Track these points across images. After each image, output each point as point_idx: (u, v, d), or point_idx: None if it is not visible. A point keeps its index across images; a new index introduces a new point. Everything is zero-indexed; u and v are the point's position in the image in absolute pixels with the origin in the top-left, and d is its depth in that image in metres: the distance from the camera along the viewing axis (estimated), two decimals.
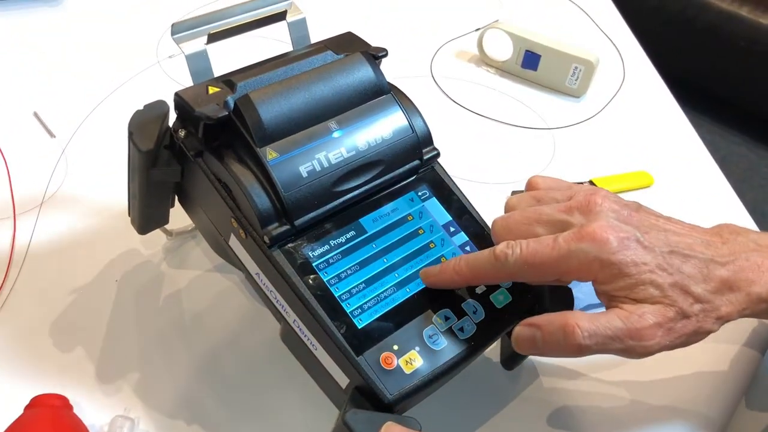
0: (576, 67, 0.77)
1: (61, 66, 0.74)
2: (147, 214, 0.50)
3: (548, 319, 0.40)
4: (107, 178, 0.61)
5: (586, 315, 0.40)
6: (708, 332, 0.41)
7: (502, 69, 0.81)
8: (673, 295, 0.39)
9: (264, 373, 0.50)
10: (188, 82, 0.44)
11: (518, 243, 0.41)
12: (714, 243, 0.43)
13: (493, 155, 0.71)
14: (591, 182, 0.66)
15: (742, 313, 0.42)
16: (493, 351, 0.51)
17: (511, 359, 0.50)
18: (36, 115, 0.68)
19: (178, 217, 0.52)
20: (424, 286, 0.44)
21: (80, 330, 0.51)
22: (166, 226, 0.54)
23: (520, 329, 0.41)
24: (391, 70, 0.48)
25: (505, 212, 0.45)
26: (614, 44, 0.88)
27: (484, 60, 0.82)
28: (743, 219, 0.66)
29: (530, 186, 0.48)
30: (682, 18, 1.85)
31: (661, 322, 0.39)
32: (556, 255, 0.40)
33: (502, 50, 0.80)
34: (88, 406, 0.46)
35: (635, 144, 0.74)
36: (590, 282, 0.41)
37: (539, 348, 0.41)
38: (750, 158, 1.87)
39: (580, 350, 0.39)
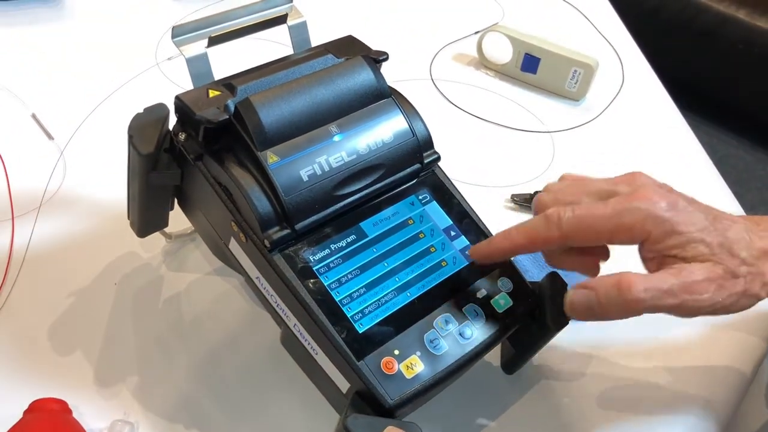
0: (575, 71, 0.77)
1: (59, 67, 0.74)
2: (146, 217, 0.50)
3: (600, 280, 0.41)
4: (106, 180, 0.61)
5: (638, 273, 0.40)
6: (757, 297, 0.42)
7: (502, 72, 0.81)
8: (721, 254, 0.41)
9: (264, 376, 0.49)
10: (187, 85, 0.44)
11: (569, 205, 0.42)
12: (748, 221, 0.44)
13: (493, 158, 0.71)
14: None
15: None
16: (493, 355, 0.51)
17: (512, 363, 0.50)
18: (34, 116, 0.67)
19: (177, 220, 0.52)
20: (425, 290, 0.44)
21: (79, 333, 0.50)
22: (165, 229, 0.54)
23: (574, 293, 0.42)
24: (390, 72, 0.47)
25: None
26: (613, 47, 0.88)
27: (483, 63, 0.82)
28: None
29: (563, 180, 0.49)
30: (680, 20, 1.85)
31: (712, 277, 0.40)
32: (611, 212, 0.41)
33: (502, 53, 0.80)
34: (87, 411, 0.45)
35: (634, 147, 0.74)
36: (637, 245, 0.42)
37: (595, 310, 0.41)
38: (747, 160, 1.87)
39: (638, 304, 0.39)
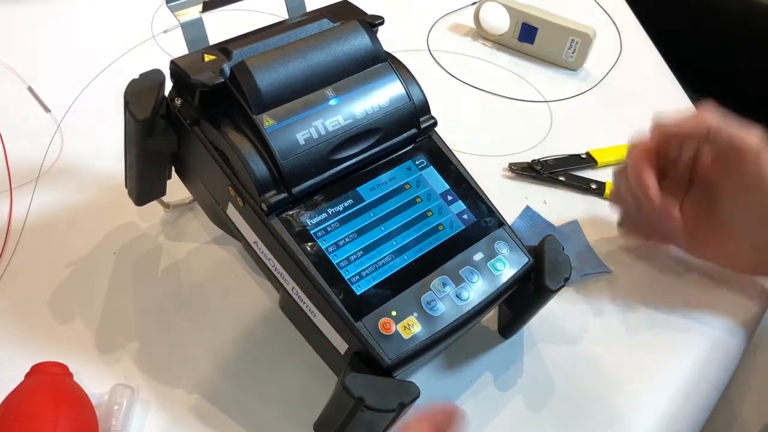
0: (573, 40, 0.76)
1: (55, 41, 0.74)
2: (144, 184, 0.50)
3: None
4: (103, 152, 0.61)
5: None
6: None
7: (499, 42, 0.81)
8: None
9: (263, 341, 0.50)
10: None
11: None
12: None
13: (491, 128, 0.71)
14: (588, 154, 0.66)
15: None
16: (490, 321, 0.51)
17: (508, 327, 0.50)
18: (30, 90, 0.67)
19: (175, 189, 0.52)
20: (422, 253, 0.44)
21: (79, 301, 0.51)
22: (164, 199, 0.54)
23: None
24: (386, 44, 0.47)
25: None
26: (610, 17, 0.87)
27: (480, 33, 0.81)
28: None
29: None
30: None
31: None
32: None
33: (499, 23, 0.80)
34: (87, 376, 0.46)
35: (632, 115, 0.74)
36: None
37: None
38: None
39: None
